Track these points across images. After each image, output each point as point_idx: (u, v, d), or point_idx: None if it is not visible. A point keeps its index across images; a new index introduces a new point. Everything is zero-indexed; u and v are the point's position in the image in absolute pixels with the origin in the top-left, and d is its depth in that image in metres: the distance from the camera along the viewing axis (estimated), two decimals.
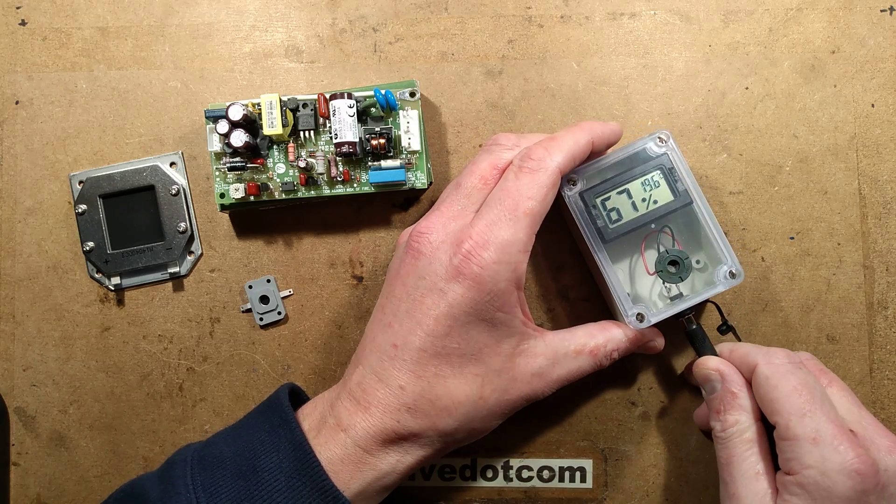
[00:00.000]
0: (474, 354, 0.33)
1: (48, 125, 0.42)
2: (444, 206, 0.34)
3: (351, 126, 0.37)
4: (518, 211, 0.32)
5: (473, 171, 0.35)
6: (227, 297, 0.41)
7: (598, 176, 0.36)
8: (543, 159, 0.33)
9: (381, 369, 0.33)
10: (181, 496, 0.31)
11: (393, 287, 0.34)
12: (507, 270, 0.32)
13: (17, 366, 0.41)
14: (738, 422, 0.33)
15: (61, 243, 0.42)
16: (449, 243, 0.33)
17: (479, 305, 0.32)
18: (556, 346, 0.35)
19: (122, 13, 0.42)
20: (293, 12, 0.42)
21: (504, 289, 0.32)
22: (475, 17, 0.41)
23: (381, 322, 0.34)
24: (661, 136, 0.36)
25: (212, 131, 0.38)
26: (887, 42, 0.41)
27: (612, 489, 0.41)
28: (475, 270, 0.31)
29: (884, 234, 0.40)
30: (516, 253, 0.32)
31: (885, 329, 0.40)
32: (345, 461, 0.32)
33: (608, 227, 0.36)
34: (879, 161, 0.41)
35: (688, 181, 0.36)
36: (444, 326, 0.32)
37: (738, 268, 0.35)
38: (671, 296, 0.37)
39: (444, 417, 0.32)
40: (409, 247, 0.34)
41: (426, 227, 0.33)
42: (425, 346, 0.32)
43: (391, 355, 0.33)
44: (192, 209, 0.41)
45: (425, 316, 0.32)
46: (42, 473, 0.41)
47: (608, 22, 0.41)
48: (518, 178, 0.33)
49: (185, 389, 0.41)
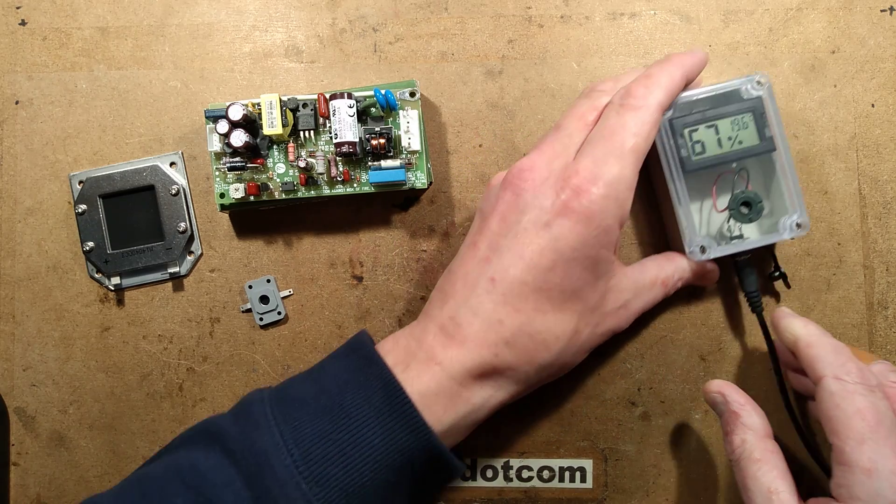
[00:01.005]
0: (575, 291, 0.32)
1: (48, 125, 0.42)
2: (545, 145, 0.34)
3: (351, 126, 0.37)
4: (624, 147, 0.32)
5: (573, 114, 0.35)
6: (227, 297, 0.41)
7: (690, 107, 0.37)
8: (645, 97, 0.33)
9: (478, 303, 0.32)
10: (262, 431, 0.31)
11: (488, 223, 0.34)
12: (615, 207, 0.32)
13: (17, 366, 0.41)
14: (744, 441, 0.32)
15: (61, 243, 0.42)
16: (554, 179, 0.32)
17: (586, 241, 0.32)
18: (636, 278, 0.36)
19: (122, 13, 0.42)
20: (293, 12, 0.42)
21: (610, 225, 0.32)
22: (475, 17, 0.41)
23: (474, 257, 0.33)
24: (760, 80, 0.36)
25: (212, 131, 0.38)
26: (887, 42, 0.41)
27: (612, 489, 0.41)
28: (584, 205, 0.31)
29: (884, 234, 0.40)
30: (624, 189, 0.32)
31: (885, 329, 0.40)
32: (438, 395, 0.32)
33: (691, 157, 0.36)
34: (879, 161, 0.41)
35: (776, 128, 0.36)
36: (548, 261, 0.32)
37: (806, 220, 0.36)
38: (732, 236, 0.37)
39: (542, 352, 0.32)
40: (510, 183, 0.33)
41: (529, 165, 0.33)
42: (526, 280, 0.32)
43: (488, 289, 0.32)
44: (192, 209, 0.41)
45: (528, 250, 0.32)
46: (42, 473, 0.41)
47: (608, 22, 0.41)
48: (620, 115, 0.33)
49: (185, 389, 0.41)
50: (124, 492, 0.32)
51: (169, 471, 0.32)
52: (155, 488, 0.31)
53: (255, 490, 0.30)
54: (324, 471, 0.30)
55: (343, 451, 0.30)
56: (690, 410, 0.40)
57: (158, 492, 0.31)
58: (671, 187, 0.37)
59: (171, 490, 0.31)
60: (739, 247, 0.37)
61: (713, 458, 0.40)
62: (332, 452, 0.30)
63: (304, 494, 0.30)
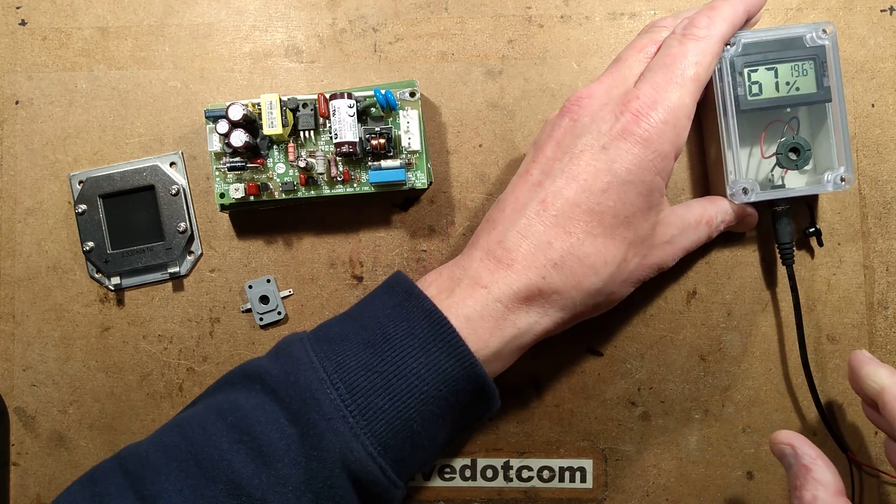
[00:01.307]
0: (627, 217, 0.32)
1: (48, 125, 0.42)
2: (605, 76, 0.34)
3: (351, 126, 0.37)
4: (686, 75, 0.32)
5: (634, 46, 0.35)
6: (227, 297, 0.41)
7: (753, 47, 0.37)
8: (708, 27, 0.33)
9: (527, 225, 0.32)
10: (305, 367, 0.30)
11: (543, 149, 0.33)
12: (673, 134, 0.32)
13: (17, 366, 0.41)
14: (816, 498, 0.31)
15: (61, 243, 0.42)
16: (613, 104, 0.32)
17: (642, 164, 0.31)
18: (683, 216, 0.36)
19: (122, 13, 0.42)
20: (293, 12, 0.42)
21: (667, 152, 0.32)
22: (475, 17, 0.41)
23: (527, 182, 0.33)
24: (826, 28, 0.36)
25: (212, 131, 0.38)
26: (887, 42, 0.41)
27: (612, 489, 0.41)
28: (644, 128, 0.31)
29: (884, 234, 0.40)
30: (683, 117, 0.32)
31: (885, 329, 0.40)
32: (485, 318, 0.31)
33: (746, 97, 0.36)
34: (879, 161, 0.40)
35: (835, 79, 0.36)
36: (603, 182, 0.31)
37: (851, 175, 0.36)
38: (774, 185, 0.38)
39: (590, 276, 0.32)
40: (567, 109, 0.33)
41: (587, 93, 0.33)
42: (579, 201, 0.31)
43: (538, 211, 0.32)
44: (192, 209, 0.41)
45: (583, 171, 0.32)
46: (42, 473, 0.41)
47: (608, 22, 0.41)
48: (682, 44, 0.33)
49: (185, 389, 0.41)
50: (164, 436, 0.31)
51: (210, 412, 0.31)
52: (197, 430, 0.31)
53: (300, 426, 0.30)
54: (370, 403, 0.30)
55: (389, 382, 0.30)
56: (690, 410, 0.40)
57: (201, 433, 0.30)
58: (722, 125, 0.37)
59: (213, 430, 0.30)
60: (781, 193, 0.37)
61: (713, 458, 0.40)
62: (377, 384, 0.30)
63: (351, 428, 0.29)
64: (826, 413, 0.39)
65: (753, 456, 0.40)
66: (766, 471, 0.40)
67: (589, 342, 0.41)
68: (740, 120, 0.37)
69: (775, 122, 0.38)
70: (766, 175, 0.38)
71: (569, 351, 0.41)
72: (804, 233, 0.40)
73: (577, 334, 0.40)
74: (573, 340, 0.41)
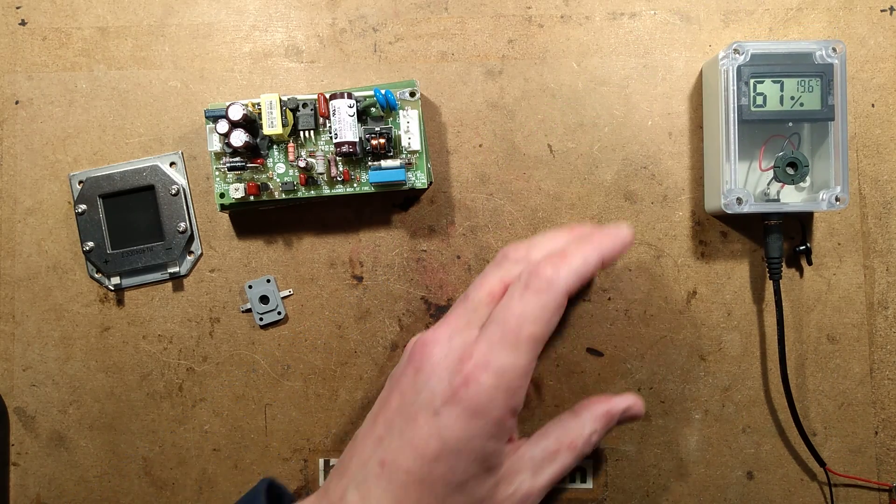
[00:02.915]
0: (460, 484, 0.31)
1: (48, 125, 0.42)
2: (452, 317, 0.33)
3: (351, 126, 0.37)
4: (520, 335, 0.31)
5: (482, 285, 0.33)
6: (226, 297, 0.41)
7: (761, 58, 0.37)
8: (552, 279, 0.31)
9: (366, 488, 0.31)
10: None
11: (389, 400, 0.33)
12: (505, 397, 0.30)
13: (17, 366, 0.41)
14: None
15: (61, 243, 0.42)
16: (451, 359, 0.31)
17: (471, 433, 0.30)
18: (533, 454, 0.34)
19: (122, 13, 0.42)
20: (293, 12, 0.42)
21: (500, 417, 0.31)
22: (475, 17, 0.41)
23: (372, 434, 0.33)
24: (836, 47, 0.37)
25: (212, 131, 0.38)
26: (887, 42, 0.41)
27: (612, 489, 0.41)
28: (473, 394, 0.30)
29: (884, 234, 0.40)
30: (517, 378, 0.31)
31: (885, 329, 0.40)
32: None
33: (750, 108, 0.37)
34: (879, 161, 0.40)
35: (840, 98, 0.37)
36: (433, 449, 0.30)
37: (846, 196, 0.37)
38: (768, 199, 0.38)
39: None
40: (412, 358, 0.33)
41: (432, 337, 0.32)
42: (412, 469, 0.31)
43: (377, 473, 0.31)
44: (192, 209, 0.41)
45: (416, 435, 0.31)
46: (42, 473, 0.41)
47: (608, 22, 0.41)
48: (523, 297, 0.31)
49: (184, 389, 0.41)
50: None
51: None
52: None
53: None
54: None
55: None
56: (690, 410, 0.40)
57: None
58: (722, 132, 0.37)
59: None
60: (775, 207, 0.37)
61: (713, 458, 0.40)
62: None
63: None
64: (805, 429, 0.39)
65: (753, 456, 0.40)
66: (766, 471, 0.40)
67: (589, 342, 0.41)
68: (741, 130, 0.37)
69: (776, 137, 0.38)
70: (762, 188, 0.39)
71: (569, 351, 0.41)
72: (794, 250, 0.40)
73: (578, 334, 0.40)
74: (573, 340, 0.41)
